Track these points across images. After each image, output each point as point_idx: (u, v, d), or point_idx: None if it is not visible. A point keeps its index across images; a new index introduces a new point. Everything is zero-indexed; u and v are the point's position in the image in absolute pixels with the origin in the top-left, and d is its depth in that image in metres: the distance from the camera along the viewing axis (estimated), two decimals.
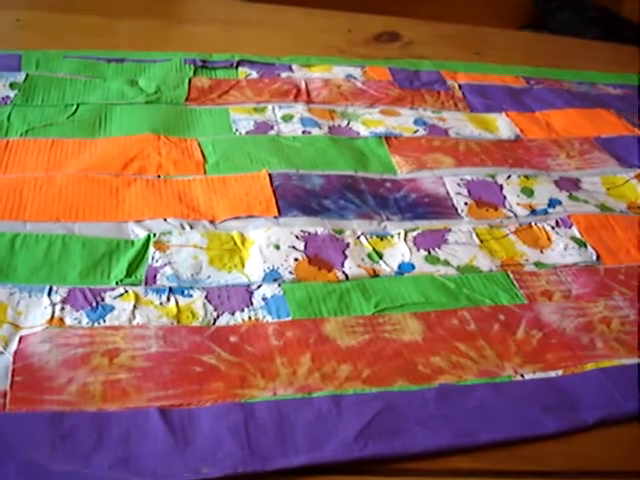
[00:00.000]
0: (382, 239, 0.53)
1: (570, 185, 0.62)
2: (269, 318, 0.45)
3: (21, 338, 0.41)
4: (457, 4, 2.28)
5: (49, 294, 0.44)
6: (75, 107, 0.64)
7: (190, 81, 0.70)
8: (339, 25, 0.90)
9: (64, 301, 0.44)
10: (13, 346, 0.41)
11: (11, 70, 0.70)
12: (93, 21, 0.83)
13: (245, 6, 0.94)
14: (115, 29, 0.81)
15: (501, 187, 0.61)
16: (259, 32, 0.85)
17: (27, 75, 0.69)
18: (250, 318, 0.44)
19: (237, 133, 0.63)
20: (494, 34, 0.95)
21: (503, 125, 0.71)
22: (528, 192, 0.61)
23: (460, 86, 0.78)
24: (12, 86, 0.67)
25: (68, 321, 0.42)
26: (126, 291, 0.45)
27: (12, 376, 0.39)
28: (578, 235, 0.56)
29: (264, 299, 0.46)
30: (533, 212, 0.58)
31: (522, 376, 0.43)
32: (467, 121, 0.71)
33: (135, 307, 0.44)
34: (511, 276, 0.51)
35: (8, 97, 0.65)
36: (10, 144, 0.59)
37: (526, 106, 0.76)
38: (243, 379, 0.41)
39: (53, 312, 0.43)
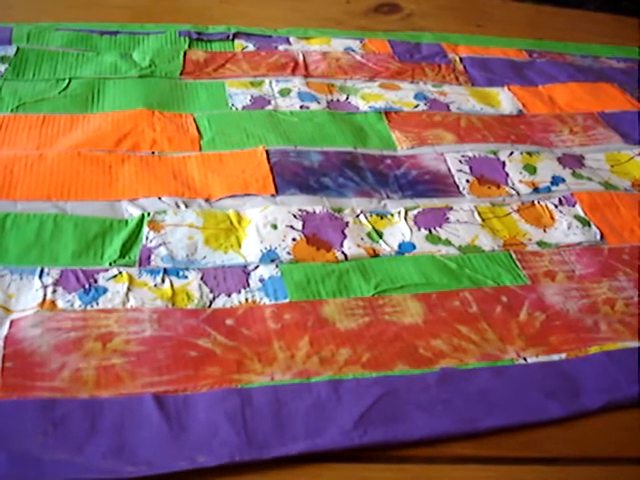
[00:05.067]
0: (382, 218, 0.52)
1: (573, 162, 0.61)
2: (266, 300, 0.44)
3: (12, 322, 0.40)
4: None
5: (40, 276, 0.43)
6: (67, 81, 0.63)
7: (185, 54, 0.69)
8: None
9: (56, 283, 0.43)
10: (3, 330, 0.40)
11: (1, 43, 0.68)
12: None
13: None
14: (108, 1, 0.79)
15: (503, 164, 0.59)
16: (255, 3, 0.83)
17: (18, 48, 0.67)
18: (247, 300, 0.43)
19: (233, 108, 0.62)
20: (496, 6, 0.93)
21: (505, 99, 0.70)
22: (531, 169, 0.59)
23: (461, 59, 0.76)
24: (2, 60, 0.65)
25: (60, 304, 0.41)
26: (120, 272, 0.44)
27: (2, 362, 0.38)
28: (582, 214, 0.55)
29: (261, 280, 0.45)
30: (536, 190, 0.57)
31: (525, 359, 0.42)
32: (469, 95, 0.69)
33: (129, 289, 0.43)
34: (513, 256, 0.50)
35: None
36: (0, 120, 0.57)
37: (529, 80, 0.74)
38: (240, 364, 0.40)
39: (45, 295, 0.42)
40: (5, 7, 0.76)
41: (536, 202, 0.56)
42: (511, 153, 0.61)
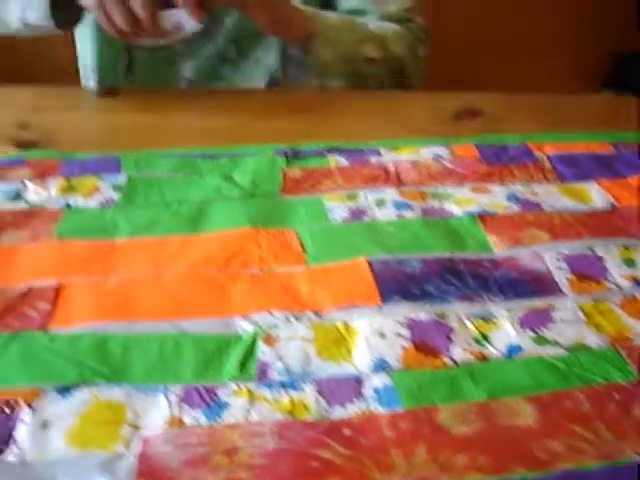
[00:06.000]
0: (486, 321, 0.53)
1: None
2: (381, 409, 0.45)
3: (144, 440, 0.42)
4: (532, 68, 2.31)
5: (165, 394, 0.46)
6: (176, 205, 0.67)
7: (283, 172, 0.73)
8: (420, 105, 0.91)
9: (181, 400, 0.45)
10: (135, 448, 0.42)
11: (112, 172, 0.73)
12: (182, 121, 0.86)
13: (323, 94, 0.97)
14: (202, 125, 0.85)
15: (601, 259, 0.60)
16: (344, 119, 0.87)
17: (128, 176, 0.72)
18: (362, 410, 0.45)
19: (333, 221, 0.65)
20: (575, 101, 0.95)
21: (596, 195, 0.71)
22: (629, 262, 0.60)
23: (548, 157, 0.78)
24: (115, 188, 0.70)
25: (187, 420, 0.44)
26: (239, 387, 0.46)
27: (137, 478, 0.40)
28: None
29: (374, 390, 0.46)
30: (637, 283, 0.57)
31: None
32: (559, 193, 0.71)
33: (250, 403, 0.45)
34: (622, 352, 0.50)
35: (112, 199, 0.68)
36: (117, 245, 0.62)
37: (617, 172, 0.75)
38: (360, 473, 0.41)
39: (171, 412, 0.44)
40: (112, 138, 0.82)
41: (638, 295, 0.56)
42: (607, 248, 0.61)
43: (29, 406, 0.45)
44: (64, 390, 0.46)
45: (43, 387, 0.46)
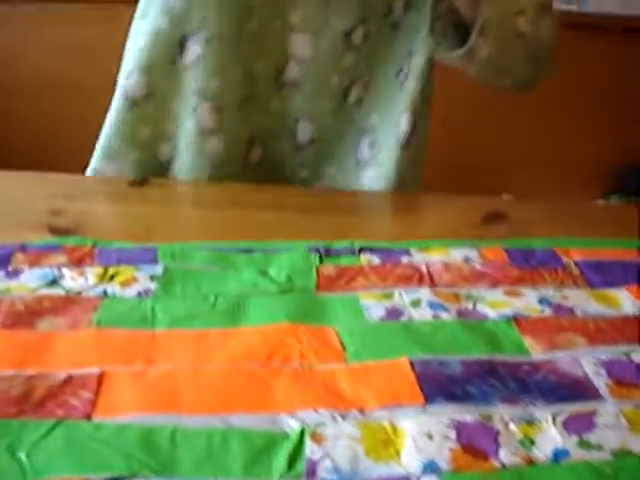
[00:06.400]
0: (530, 425, 0.53)
1: None
2: None
3: None
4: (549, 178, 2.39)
5: None
6: (214, 298, 0.68)
7: (318, 269, 0.74)
8: (447, 209, 0.93)
9: None
10: None
11: (149, 263, 0.74)
12: (217, 213, 0.88)
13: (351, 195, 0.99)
14: (238, 221, 0.86)
15: (638, 365, 0.61)
16: (371, 219, 0.89)
17: (165, 267, 0.73)
18: None
19: (370, 320, 0.65)
20: (600, 209, 0.97)
21: (626, 300, 0.72)
22: None
23: (576, 263, 0.79)
24: (152, 278, 0.71)
25: None
26: None
27: None
28: None
29: None
30: None
31: None
32: (589, 298, 0.72)
33: None
34: None
35: (150, 289, 0.69)
36: (157, 336, 0.62)
37: None
38: None
39: None
40: (148, 229, 0.84)
41: None
42: None
43: None
44: None
45: (91, 477, 0.46)
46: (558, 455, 0.50)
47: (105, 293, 0.68)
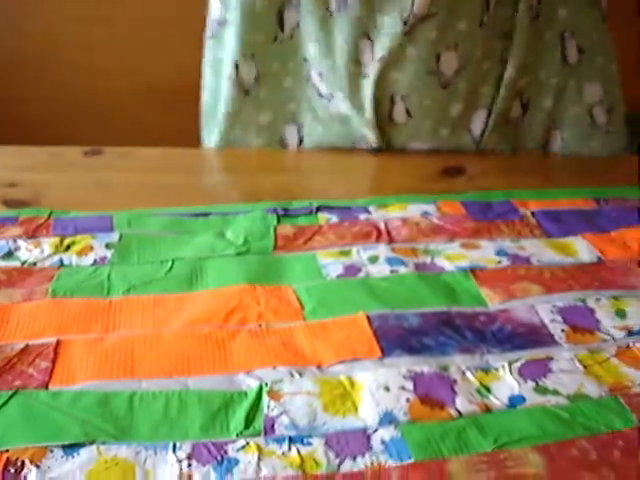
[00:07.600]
0: (487, 373, 0.53)
1: None
2: (391, 461, 0.45)
3: None
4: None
5: (174, 450, 0.45)
6: (170, 263, 0.67)
7: (275, 230, 0.73)
8: (405, 165, 0.93)
9: (190, 457, 0.45)
10: None
11: (104, 231, 0.73)
12: (173, 179, 0.87)
13: (312, 154, 0.98)
14: (193, 187, 0.86)
15: (592, 310, 0.61)
16: (331, 178, 0.89)
17: (121, 235, 0.72)
18: (372, 463, 0.45)
19: (328, 278, 0.65)
20: (560, 162, 0.98)
21: (582, 249, 0.72)
22: (621, 313, 0.61)
23: (533, 213, 0.79)
24: (108, 246, 0.70)
25: (197, 477, 0.43)
26: (247, 443, 0.46)
27: None
28: None
29: (383, 442, 0.46)
30: (630, 334, 0.59)
31: None
32: (546, 247, 0.72)
33: (259, 459, 0.45)
34: (621, 400, 0.51)
35: (105, 257, 0.69)
36: (114, 303, 0.61)
37: (600, 227, 0.77)
38: None
39: (181, 469, 0.44)
40: (99, 196, 0.83)
41: (631, 344, 0.57)
42: (598, 299, 0.63)
43: (36, 466, 0.44)
44: (70, 449, 0.46)
45: (48, 446, 0.46)
46: (514, 401, 0.51)
47: (61, 263, 0.68)
